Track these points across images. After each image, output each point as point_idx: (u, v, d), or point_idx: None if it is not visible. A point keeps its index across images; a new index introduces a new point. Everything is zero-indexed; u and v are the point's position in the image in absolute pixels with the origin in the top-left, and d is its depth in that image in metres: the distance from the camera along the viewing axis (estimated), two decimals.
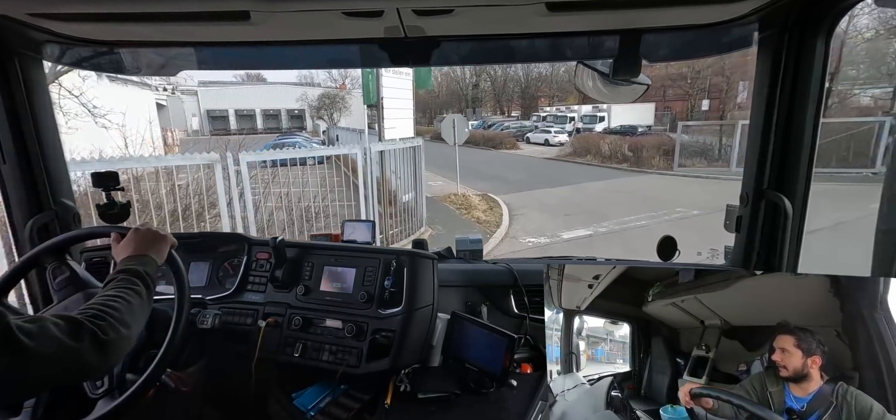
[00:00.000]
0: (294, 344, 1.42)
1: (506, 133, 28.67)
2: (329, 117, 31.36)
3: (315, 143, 18.51)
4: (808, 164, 1.28)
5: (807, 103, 1.23)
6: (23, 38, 1.30)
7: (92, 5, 1.05)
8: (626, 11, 1.20)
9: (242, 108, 37.60)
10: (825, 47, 1.19)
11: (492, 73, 44.02)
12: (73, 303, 1.14)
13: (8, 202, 1.44)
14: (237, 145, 5.42)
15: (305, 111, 35.99)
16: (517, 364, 1.45)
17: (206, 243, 1.69)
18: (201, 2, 1.03)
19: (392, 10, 1.11)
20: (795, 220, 1.30)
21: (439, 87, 44.17)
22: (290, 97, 36.49)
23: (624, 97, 1.58)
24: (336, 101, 32.05)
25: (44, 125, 1.44)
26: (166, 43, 1.45)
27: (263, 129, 36.18)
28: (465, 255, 1.92)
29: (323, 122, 30.96)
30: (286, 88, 36.67)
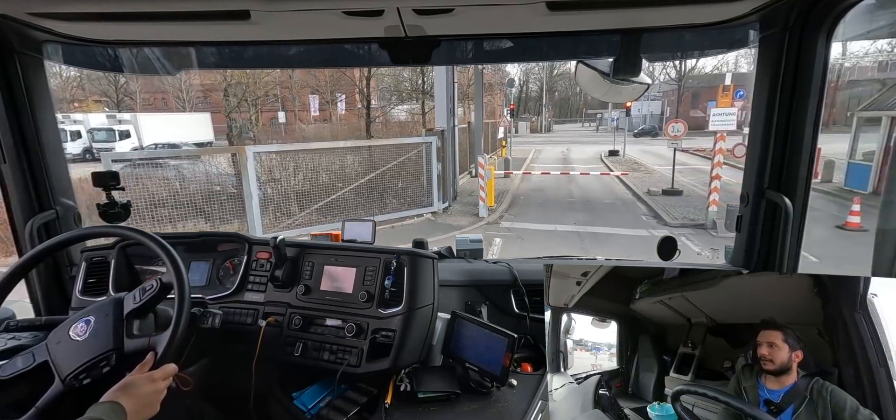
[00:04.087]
0: (294, 343, 1.42)
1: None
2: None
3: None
4: (808, 164, 1.28)
5: (808, 103, 1.23)
6: (23, 37, 1.30)
7: (92, 5, 1.05)
8: (626, 11, 1.20)
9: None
10: (826, 47, 1.19)
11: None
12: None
13: (8, 201, 1.44)
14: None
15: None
16: (517, 363, 1.45)
17: (206, 243, 1.69)
18: (201, 1, 1.03)
19: (392, 10, 1.11)
20: (796, 219, 1.30)
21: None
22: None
23: (625, 96, 1.58)
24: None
25: (44, 124, 1.44)
26: (166, 42, 1.45)
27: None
28: (465, 255, 1.92)
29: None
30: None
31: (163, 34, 1.34)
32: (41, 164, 1.45)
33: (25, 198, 1.44)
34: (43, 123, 1.44)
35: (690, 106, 39.81)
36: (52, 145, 1.47)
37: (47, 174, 1.47)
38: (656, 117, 44.35)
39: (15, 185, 1.42)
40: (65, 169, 1.55)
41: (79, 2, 1.04)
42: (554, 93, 63.72)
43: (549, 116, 55.04)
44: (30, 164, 1.43)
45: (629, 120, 26.94)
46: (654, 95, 45.24)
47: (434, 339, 1.45)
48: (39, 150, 1.44)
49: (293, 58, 1.64)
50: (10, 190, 1.42)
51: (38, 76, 1.41)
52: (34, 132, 1.42)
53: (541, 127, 50.63)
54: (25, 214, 1.45)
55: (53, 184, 1.49)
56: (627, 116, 26.02)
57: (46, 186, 1.47)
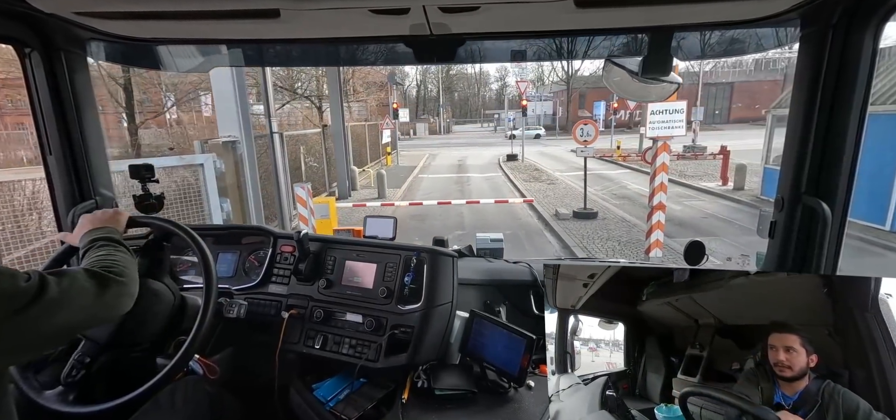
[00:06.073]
0: (315, 336, 1.45)
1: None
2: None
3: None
4: (850, 169, 1.20)
5: (851, 104, 1.16)
6: (69, 35, 1.37)
7: (132, 4, 1.09)
8: (657, 8, 1.16)
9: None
10: (874, 45, 1.12)
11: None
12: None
13: (53, 190, 1.52)
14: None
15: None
16: (535, 365, 1.44)
17: (232, 235, 1.75)
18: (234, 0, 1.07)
19: (418, 8, 1.11)
20: (834, 226, 1.23)
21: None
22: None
23: (654, 96, 1.54)
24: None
25: (87, 119, 1.52)
26: (200, 40, 1.51)
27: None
28: (485, 254, 1.91)
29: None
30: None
31: (197, 32, 1.38)
32: (83, 157, 1.53)
33: (68, 188, 1.52)
34: (86, 118, 1.51)
35: (579, 106, 39.82)
36: (94, 139, 1.55)
37: (89, 166, 1.55)
38: (549, 117, 43.47)
39: (59, 176, 1.50)
40: (105, 162, 1.63)
41: (121, 0, 1.09)
42: (453, 93, 63.81)
43: (447, 117, 54.00)
44: (73, 156, 1.51)
45: (525, 120, 24.29)
46: (546, 96, 44.36)
47: (452, 337, 1.45)
48: (82, 143, 1.52)
49: (319, 56, 1.67)
50: (55, 180, 1.51)
51: (82, 73, 1.48)
52: (78, 127, 1.49)
53: (440, 128, 49.39)
54: (68, 203, 1.53)
55: (94, 175, 1.57)
56: (524, 116, 23.14)
57: (88, 178, 1.55)
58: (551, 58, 1.72)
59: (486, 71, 65.57)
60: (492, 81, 67.05)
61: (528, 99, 22.45)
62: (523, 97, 21.90)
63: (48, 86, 1.40)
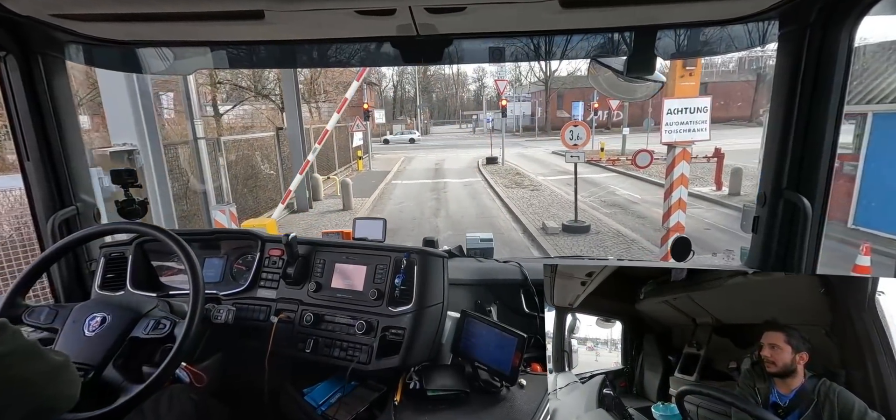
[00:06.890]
0: (305, 340, 1.43)
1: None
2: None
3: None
4: (828, 164, 1.24)
5: (829, 101, 1.20)
6: (46, 38, 1.33)
7: (111, 5, 1.07)
8: (641, 7, 1.18)
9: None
10: (849, 43, 1.16)
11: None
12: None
13: (31, 197, 1.48)
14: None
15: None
16: (527, 363, 1.44)
17: (219, 240, 1.72)
18: (217, 1, 1.05)
19: (404, 9, 1.11)
20: (815, 221, 1.27)
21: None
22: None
23: (639, 95, 1.56)
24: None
25: (66, 123, 1.48)
26: (182, 42, 1.48)
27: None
28: (476, 254, 1.91)
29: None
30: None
31: (179, 34, 1.36)
32: (63, 162, 1.49)
33: (47, 194, 1.48)
34: (65, 122, 1.47)
35: (557, 107, 39.96)
36: (74, 144, 1.51)
37: (69, 172, 1.51)
38: (527, 118, 43.56)
39: (38, 182, 1.46)
40: (85, 167, 1.59)
41: (99, 3, 1.06)
42: (431, 94, 63.69)
43: (425, 118, 53.61)
44: (52, 161, 1.47)
45: (504, 121, 22.29)
46: (525, 96, 44.49)
47: (444, 338, 1.45)
48: (61, 148, 1.48)
49: (304, 57, 1.65)
50: (33, 187, 1.47)
51: (60, 76, 1.45)
52: (56, 131, 1.45)
53: (418, 129, 48.60)
54: (47, 211, 1.49)
55: (74, 181, 1.53)
56: (503, 117, 21.30)
57: (68, 183, 1.51)
58: (536, 58, 1.73)
59: (463, 71, 65.04)
60: (470, 82, 66.95)
61: (506, 99, 21.77)
62: (502, 97, 20.82)
63: (25, 90, 1.36)
